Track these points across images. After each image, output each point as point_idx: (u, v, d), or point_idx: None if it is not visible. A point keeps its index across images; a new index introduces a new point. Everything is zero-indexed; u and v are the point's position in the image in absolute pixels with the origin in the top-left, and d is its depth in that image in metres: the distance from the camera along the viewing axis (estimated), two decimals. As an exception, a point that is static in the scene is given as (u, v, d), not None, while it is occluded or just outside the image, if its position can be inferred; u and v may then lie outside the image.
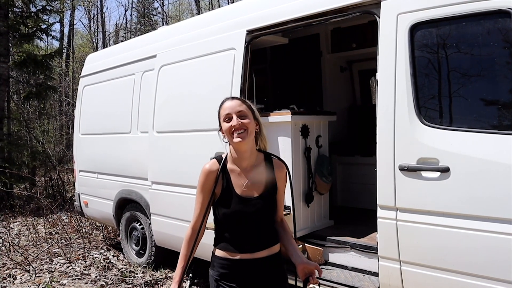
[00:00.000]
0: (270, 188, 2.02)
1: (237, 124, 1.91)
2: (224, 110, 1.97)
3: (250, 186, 1.99)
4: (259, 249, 1.98)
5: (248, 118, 1.95)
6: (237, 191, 1.98)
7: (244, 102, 2.00)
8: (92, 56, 6.46)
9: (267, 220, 2.04)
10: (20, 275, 4.93)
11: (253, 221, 1.97)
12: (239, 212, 1.96)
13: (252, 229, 1.98)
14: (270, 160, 2.08)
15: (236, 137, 1.91)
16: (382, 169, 2.77)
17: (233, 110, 1.94)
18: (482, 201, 2.38)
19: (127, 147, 5.12)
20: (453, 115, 2.62)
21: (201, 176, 2.01)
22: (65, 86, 19.22)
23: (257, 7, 3.76)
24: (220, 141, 3.81)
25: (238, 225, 1.98)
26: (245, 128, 1.92)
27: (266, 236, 2.02)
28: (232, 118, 1.92)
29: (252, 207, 1.96)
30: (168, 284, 4.54)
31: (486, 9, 2.41)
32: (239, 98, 2.05)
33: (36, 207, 9.16)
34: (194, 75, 4.19)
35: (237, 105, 1.96)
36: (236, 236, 1.99)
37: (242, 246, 1.98)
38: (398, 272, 2.73)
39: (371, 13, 2.96)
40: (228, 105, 1.97)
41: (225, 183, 1.99)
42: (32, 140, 13.18)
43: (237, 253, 1.97)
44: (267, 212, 2.01)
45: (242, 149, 1.97)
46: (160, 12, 26.97)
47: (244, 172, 2.01)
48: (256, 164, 2.03)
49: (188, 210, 4.19)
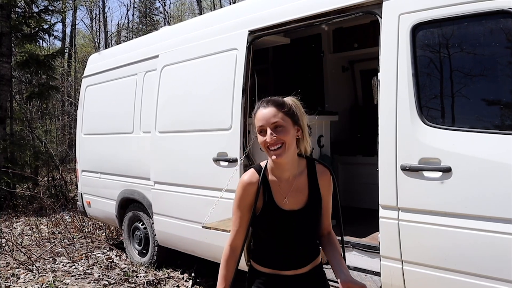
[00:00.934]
0: (314, 198, 1.82)
1: (271, 140, 1.69)
2: (258, 121, 1.74)
3: (293, 198, 1.79)
4: (303, 265, 1.82)
5: (286, 129, 1.71)
6: (279, 205, 1.78)
7: (281, 108, 1.72)
8: (95, 56, 6.47)
9: (312, 234, 1.85)
10: (24, 275, 4.96)
11: (296, 237, 1.80)
12: (282, 228, 1.78)
13: (295, 245, 1.81)
14: (313, 166, 1.85)
15: (272, 155, 1.72)
16: (384, 168, 2.77)
17: (267, 122, 1.70)
18: (484, 200, 2.38)
19: (129, 147, 5.14)
20: (455, 115, 2.62)
21: (239, 189, 1.82)
22: (67, 86, 19.27)
23: (259, 7, 3.77)
24: (222, 141, 3.84)
25: (280, 241, 1.81)
26: (282, 142, 1.70)
27: (310, 251, 1.85)
28: (267, 133, 1.71)
29: (295, 222, 1.78)
30: (170, 284, 4.56)
31: (487, 10, 2.41)
32: (275, 102, 1.75)
33: (39, 206, 9.19)
34: (196, 75, 4.20)
35: (272, 115, 1.70)
36: (278, 252, 1.82)
37: (285, 262, 1.81)
38: (400, 272, 2.74)
39: (373, 14, 2.97)
40: (261, 116, 1.72)
41: (266, 197, 1.79)
42: (34, 140, 13.23)
43: (279, 270, 1.82)
44: (311, 225, 1.83)
45: (281, 163, 1.77)
46: (162, 12, 27.00)
47: (286, 183, 1.80)
48: (298, 172, 1.82)
49: (190, 210, 4.23)
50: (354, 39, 4.93)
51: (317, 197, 1.82)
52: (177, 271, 4.88)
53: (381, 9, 2.86)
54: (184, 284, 4.57)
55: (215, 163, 3.90)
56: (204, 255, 4.29)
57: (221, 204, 3.77)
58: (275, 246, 1.82)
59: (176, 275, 4.79)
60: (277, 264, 1.83)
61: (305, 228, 1.81)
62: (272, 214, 1.79)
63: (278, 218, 1.79)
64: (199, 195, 4.08)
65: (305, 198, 1.80)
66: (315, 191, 1.81)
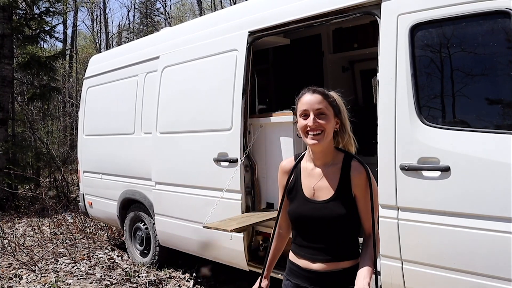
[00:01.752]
0: (342, 193, 1.78)
1: (313, 124, 1.72)
2: (302, 105, 1.77)
3: (319, 187, 1.80)
4: (316, 260, 1.79)
5: (328, 117, 1.75)
6: (305, 191, 1.83)
7: (326, 97, 1.78)
8: (96, 57, 6.50)
9: (334, 229, 1.78)
10: (26, 275, 4.98)
11: (315, 226, 1.79)
12: (301, 214, 1.81)
13: (314, 234, 1.81)
14: (349, 162, 1.82)
15: (311, 139, 1.74)
16: (383, 168, 2.79)
17: (312, 108, 1.74)
18: (482, 200, 2.39)
19: (130, 148, 5.16)
20: (454, 115, 2.64)
21: (278, 174, 1.95)
22: (69, 87, 19.31)
23: (258, 8, 3.79)
24: (222, 141, 3.86)
25: (300, 227, 1.84)
26: (322, 129, 1.73)
27: (330, 247, 1.79)
28: (309, 117, 1.74)
29: (316, 211, 1.78)
30: (172, 284, 4.58)
31: (486, 10, 2.42)
32: (321, 91, 1.80)
33: (40, 207, 9.22)
34: (196, 76, 4.22)
35: (317, 102, 1.75)
36: (299, 238, 1.85)
37: (302, 250, 1.84)
38: (399, 271, 2.75)
39: (372, 14, 2.98)
40: (307, 100, 1.76)
41: (293, 182, 1.86)
42: (36, 141, 13.27)
43: (298, 258, 1.85)
44: (333, 219, 1.77)
45: (315, 150, 1.80)
46: (163, 12, 27.03)
47: (317, 172, 1.83)
48: (332, 164, 1.82)
49: (191, 210, 4.25)
50: (354, 39, 4.93)
51: (346, 192, 1.78)
52: (179, 271, 4.90)
53: (380, 10, 2.87)
54: (186, 284, 4.59)
55: (215, 163, 3.92)
56: (205, 255, 4.31)
57: (222, 204, 3.79)
58: (297, 231, 1.87)
59: (178, 275, 4.81)
60: (297, 250, 1.87)
61: (327, 221, 1.77)
62: (296, 199, 1.84)
63: (299, 203, 1.83)
64: (200, 195, 4.10)
65: (333, 191, 1.78)
66: (345, 186, 1.78)
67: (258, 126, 3.85)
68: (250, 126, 3.83)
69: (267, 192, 3.86)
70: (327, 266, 1.78)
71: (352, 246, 1.83)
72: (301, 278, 1.84)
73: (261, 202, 3.88)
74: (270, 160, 3.80)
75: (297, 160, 1.90)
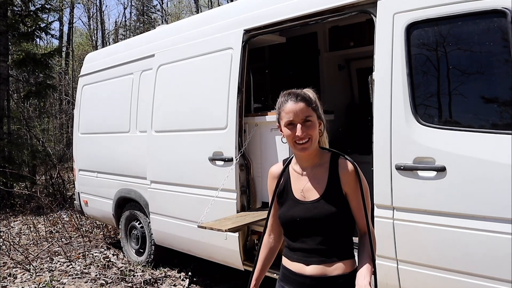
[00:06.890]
0: (331, 192, 1.76)
1: (302, 134, 1.71)
2: (287, 114, 1.73)
3: (308, 188, 1.79)
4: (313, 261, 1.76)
5: (313, 124, 1.74)
6: (295, 194, 1.81)
7: (309, 103, 1.74)
8: (91, 55, 6.46)
9: (326, 228, 1.75)
10: (21, 274, 4.95)
11: (307, 227, 1.77)
12: (292, 216, 1.79)
13: (306, 236, 1.77)
14: (336, 160, 1.81)
15: (300, 149, 1.74)
16: (379, 168, 2.78)
17: (297, 117, 1.71)
18: (478, 200, 2.39)
19: (126, 146, 5.14)
20: (449, 115, 2.63)
21: (268, 179, 1.93)
22: (65, 84, 19.22)
23: (254, 6, 3.76)
24: (217, 140, 3.84)
25: (292, 230, 1.81)
26: (310, 137, 1.73)
27: (324, 247, 1.75)
28: (296, 126, 1.71)
29: (307, 211, 1.76)
30: (167, 283, 4.56)
31: (481, 9, 2.41)
32: (304, 97, 1.75)
33: (36, 206, 9.18)
34: (191, 74, 4.19)
35: (302, 111, 1.71)
36: (291, 242, 1.82)
37: (295, 253, 1.81)
38: (395, 271, 2.75)
39: (368, 13, 2.96)
40: (291, 109, 1.72)
41: (283, 185, 1.86)
42: (32, 139, 13.19)
43: (291, 261, 1.82)
44: (324, 218, 1.74)
45: (303, 154, 1.78)
46: (159, 10, 26.94)
47: (305, 174, 1.82)
48: (320, 164, 1.81)
49: (186, 209, 4.23)
50: (350, 38, 4.91)
51: (336, 190, 1.77)
52: (174, 270, 4.88)
53: (376, 8, 2.86)
54: (181, 283, 4.58)
55: (211, 162, 3.90)
56: (201, 254, 4.30)
57: (217, 203, 3.77)
58: (288, 234, 1.85)
59: (173, 274, 4.79)
60: (289, 254, 1.84)
61: (318, 220, 1.75)
62: (286, 201, 1.84)
63: (289, 205, 1.82)
64: (195, 194, 4.08)
65: (322, 190, 1.77)
66: (334, 184, 1.77)
67: (253, 125, 3.84)
68: (246, 125, 3.81)
69: (262, 191, 3.84)
70: (321, 269, 1.75)
71: (346, 246, 1.80)
72: (294, 284, 1.81)
73: (256, 201, 3.87)
74: (265, 159, 3.78)
75: (286, 164, 1.90)
